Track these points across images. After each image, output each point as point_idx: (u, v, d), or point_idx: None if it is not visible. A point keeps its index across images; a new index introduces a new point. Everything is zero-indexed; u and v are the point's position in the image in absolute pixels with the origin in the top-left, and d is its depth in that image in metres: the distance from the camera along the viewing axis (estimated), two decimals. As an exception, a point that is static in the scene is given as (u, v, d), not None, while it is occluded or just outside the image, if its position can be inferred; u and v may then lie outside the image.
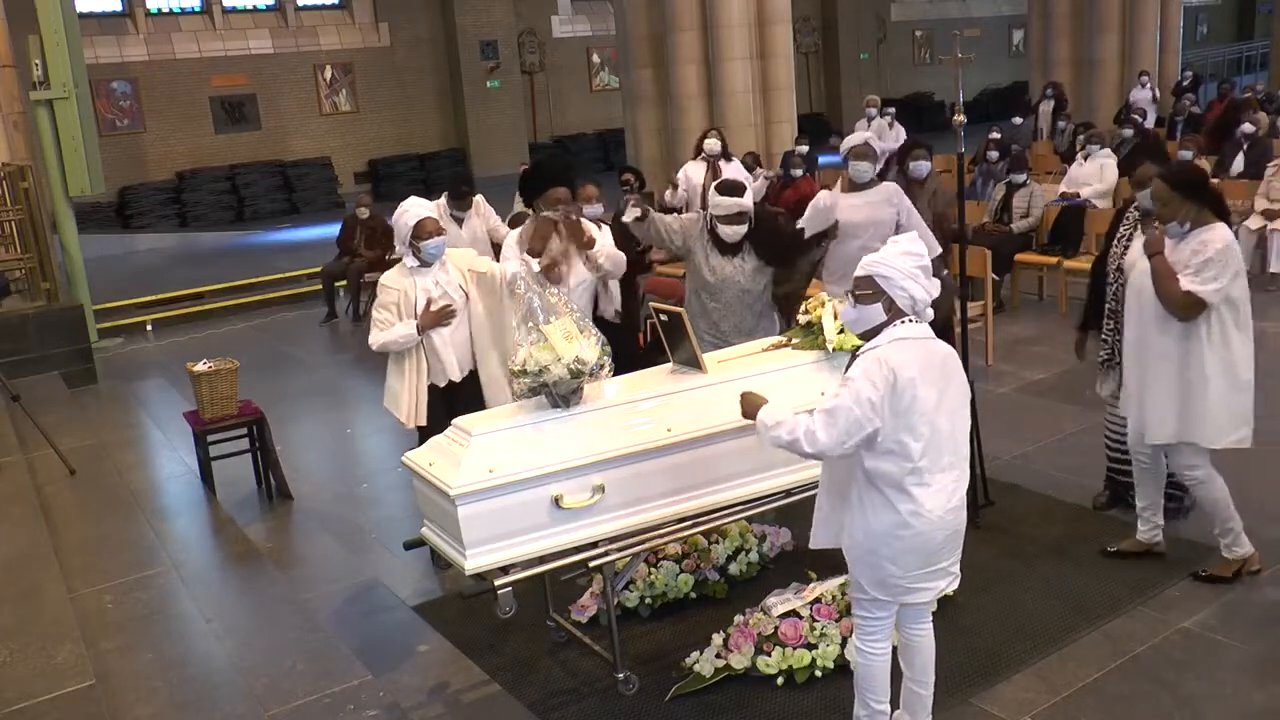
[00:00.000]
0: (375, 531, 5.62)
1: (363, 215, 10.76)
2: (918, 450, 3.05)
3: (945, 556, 3.19)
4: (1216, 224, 4.12)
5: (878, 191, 5.99)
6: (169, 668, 3.96)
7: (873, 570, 3.19)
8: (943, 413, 3.09)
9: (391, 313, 4.78)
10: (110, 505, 5.61)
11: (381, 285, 4.84)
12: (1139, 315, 4.27)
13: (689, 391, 3.93)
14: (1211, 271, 4.02)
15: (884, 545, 3.13)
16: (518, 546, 3.59)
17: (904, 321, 3.10)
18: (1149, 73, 16.68)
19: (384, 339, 4.78)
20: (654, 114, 13.43)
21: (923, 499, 3.08)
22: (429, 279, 4.78)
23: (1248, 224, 9.16)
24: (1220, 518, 4.32)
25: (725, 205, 4.87)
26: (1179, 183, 4.11)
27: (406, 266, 4.81)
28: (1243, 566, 4.33)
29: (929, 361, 3.08)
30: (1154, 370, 4.23)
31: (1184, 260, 4.09)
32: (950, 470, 3.13)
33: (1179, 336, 4.15)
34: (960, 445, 3.18)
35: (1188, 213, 4.08)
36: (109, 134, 16.66)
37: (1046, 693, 3.73)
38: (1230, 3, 32.40)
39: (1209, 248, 4.04)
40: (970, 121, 5.95)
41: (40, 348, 8.31)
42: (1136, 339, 4.31)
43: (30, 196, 8.72)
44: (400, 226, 4.77)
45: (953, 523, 3.16)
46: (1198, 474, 4.30)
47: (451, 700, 3.99)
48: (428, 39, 20.33)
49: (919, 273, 3.09)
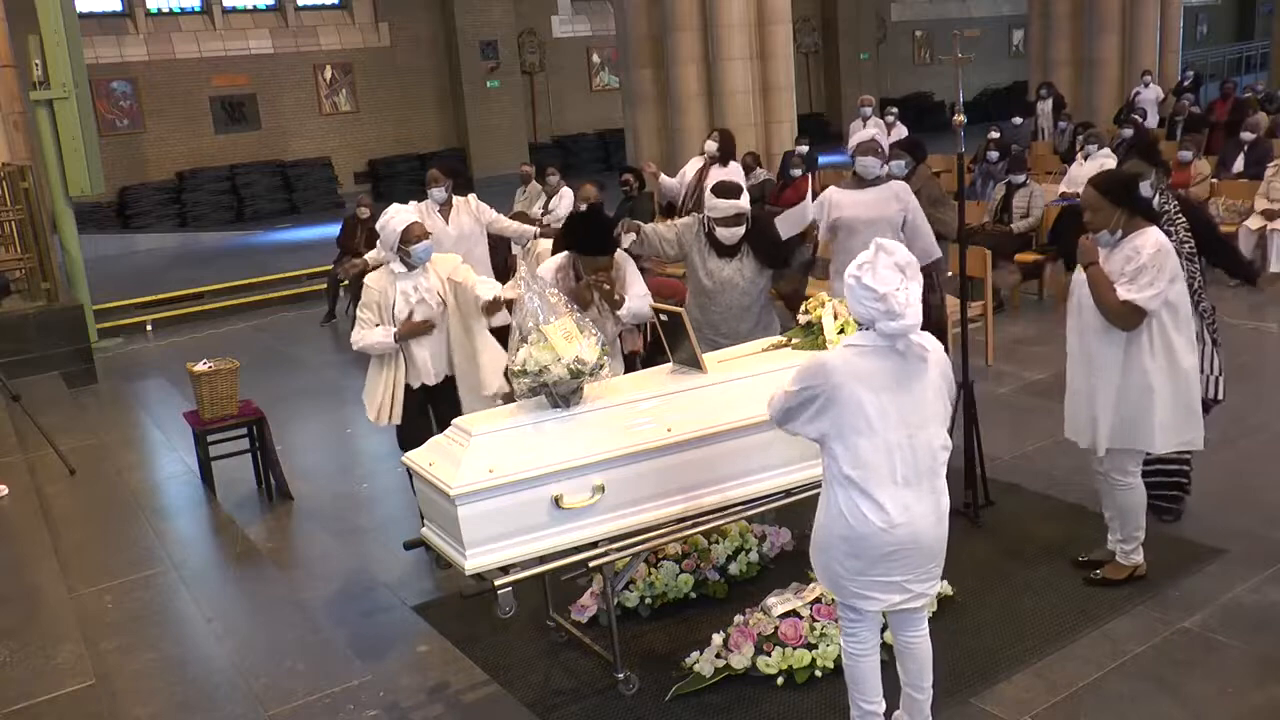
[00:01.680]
0: (375, 531, 5.61)
1: (363, 215, 10.76)
2: (849, 458, 3.04)
3: (897, 571, 3.10)
4: (1148, 228, 4.06)
5: (884, 189, 5.90)
6: (169, 668, 3.96)
7: (822, 568, 3.22)
8: (894, 424, 3.04)
9: (373, 312, 4.91)
10: (110, 505, 5.61)
11: (365, 285, 4.97)
12: (1080, 326, 4.23)
13: (689, 391, 3.93)
14: (1146, 277, 3.96)
15: (830, 543, 3.15)
16: (517, 546, 3.59)
17: (864, 329, 3.08)
18: (1151, 72, 16.68)
19: (364, 342, 4.94)
20: (654, 114, 13.44)
21: (862, 505, 3.05)
22: (408, 283, 4.88)
23: (1248, 224, 9.17)
24: (1132, 525, 4.31)
25: (722, 208, 4.85)
26: (1108, 189, 4.06)
27: (392, 270, 4.91)
28: (1133, 572, 4.35)
29: (876, 371, 3.03)
30: (1098, 380, 4.17)
31: (1118, 269, 4.04)
32: (905, 486, 3.05)
33: (1122, 346, 4.10)
34: (923, 460, 3.08)
35: (1118, 219, 4.03)
36: (109, 134, 16.66)
37: (1046, 693, 3.73)
38: (1230, 3, 32.40)
39: (1141, 254, 3.98)
40: (970, 121, 5.92)
41: (40, 348, 8.31)
42: (1079, 350, 4.26)
43: (30, 196, 8.73)
44: (388, 233, 4.84)
45: (901, 538, 3.06)
46: (1129, 479, 4.27)
47: (451, 700, 3.99)
48: (428, 39, 20.33)
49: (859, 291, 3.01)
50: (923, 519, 3.09)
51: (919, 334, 3.08)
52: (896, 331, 3.00)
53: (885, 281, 2.97)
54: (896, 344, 3.03)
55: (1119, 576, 4.35)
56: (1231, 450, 5.60)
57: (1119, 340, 4.09)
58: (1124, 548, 4.37)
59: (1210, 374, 4.70)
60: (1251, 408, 6.09)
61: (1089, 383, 4.22)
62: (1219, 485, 5.20)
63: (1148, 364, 4.09)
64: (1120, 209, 4.02)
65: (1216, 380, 4.71)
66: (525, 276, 4.03)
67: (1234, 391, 4.82)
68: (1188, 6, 21.27)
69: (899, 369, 3.06)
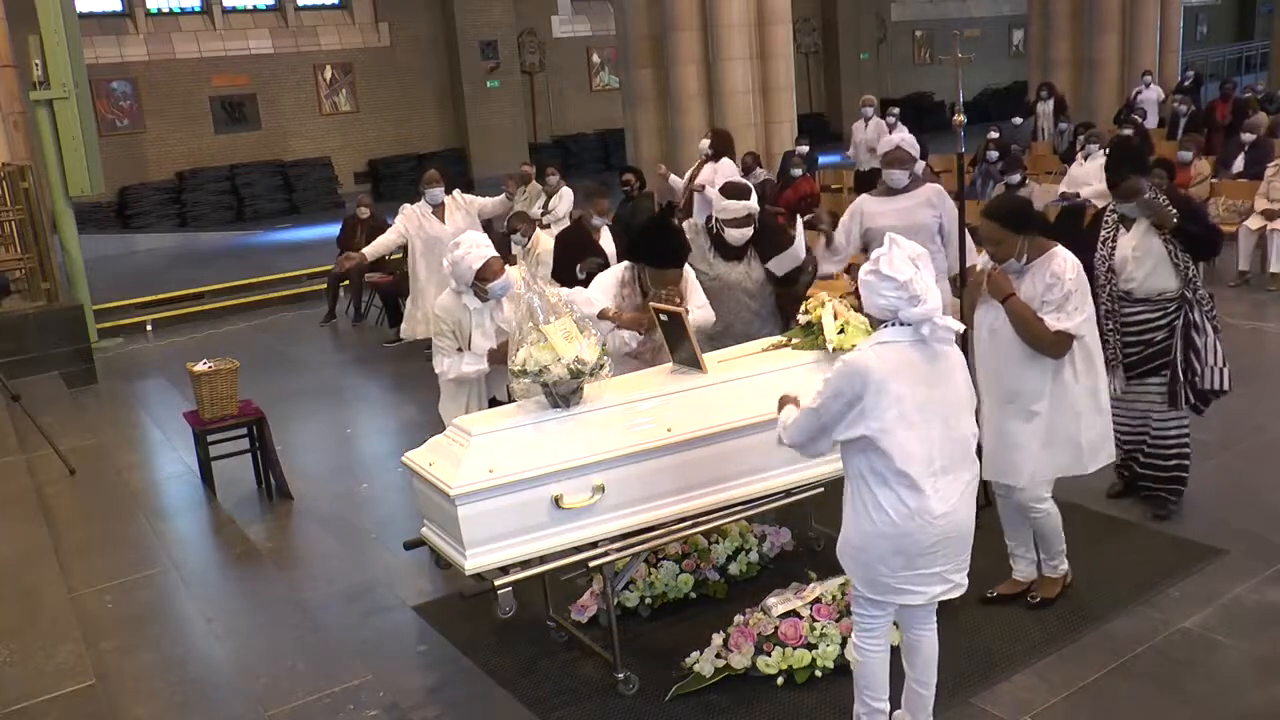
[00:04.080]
0: (375, 531, 5.61)
1: (363, 215, 10.76)
2: (898, 451, 3.04)
3: (939, 561, 3.15)
4: (1054, 248, 3.94)
5: (915, 195, 5.51)
6: (169, 668, 3.96)
7: (863, 569, 3.20)
8: (932, 415, 3.07)
9: (450, 339, 4.57)
10: (110, 505, 5.61)
11: (436, 315, 4.63)
12: (996, 362, 4.04)
13: (689, 391, 3.93)
14: (1073, 303, 3.87)
15: (871, 544, 3.14)
16: (518, 546, 3.59)
17: (888, 326, 3.10)
18: (1151, 73, 16.68)
19: (455, 372, 4.58)
20: (654, 114, 13.43)
21: (908, 500, 3.06)
22: (484, 317, 4.55)
23: (1248, 224, 9.17)
24: (1055, 544, 4.24)
25: (733, 209, 4.83)
26: (1007, 219, 3.91)
27: (462, 301, 4.56)
28: (1064, 582, 4.30)
29: (909, 364, 3.06)
30: (1019, 414, 4.00)
31: (1038, 296, 3.91)
32: (945, 475, 3.10)
33: (1049, 375, 3.96)
34: (958, 449, 3.14)
35: (1022, 246, 3.91)
36: (109, 134, 16.65)
37: (1046, 693, 3.73)
38: (1230, 3, 32.39)
39: (1064, 280, 3.87)
40: (970, 121, 5.84)
41: (40, 348, 8.31)
42: (997, 387, 4.05)
43: (30, 196, 8.73)
44: (462, 269, 4.44)
45: (944, 528, 3.10)
46: (1044, 506, 4.13)
47: (451, 700, 3.99)
48: (428, 39, 20.33)
49: (878, 284, 3.04)
50: (963, 507, 3.16)
51: (942, 317, 3.08)
52: (920, 317, 3.04)
53: (903, 270, 3.01)
54: (922, 329, 3.05)
55: (1054, 593, 4.27)
56: (1231, 450, 5.61)
57: (1046, 369, 3.96)
58: (1050, 563, 4.30)
59: (1214, 365, 4.68)
60: (1251, 408, 6.09)
61: (1008, 420, 4.03)
62: (1219, 485, 5.20)
63: (1073, 388, 4.00)
64: (1022, 235, 3.90)
65: (1221, 371, 4.68)
66: (525, 277, 4.03)
67: (1234, 391, 4.81)
68: (1188, 6, 21.26)
69: (931, 360, 3.09)
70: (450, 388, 4.72)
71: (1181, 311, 4.68)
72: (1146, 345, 4.76)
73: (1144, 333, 4.75)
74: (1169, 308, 4.70)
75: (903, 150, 5.52)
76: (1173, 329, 4.70)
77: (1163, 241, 4.62)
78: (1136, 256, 4.67)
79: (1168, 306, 4.70)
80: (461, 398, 4.68)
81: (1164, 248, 4.62)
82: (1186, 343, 4.69)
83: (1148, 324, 4.74)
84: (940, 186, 5.73)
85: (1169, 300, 4.69)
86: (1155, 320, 4.73)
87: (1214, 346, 4.68)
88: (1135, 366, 4.80)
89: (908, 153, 5.53)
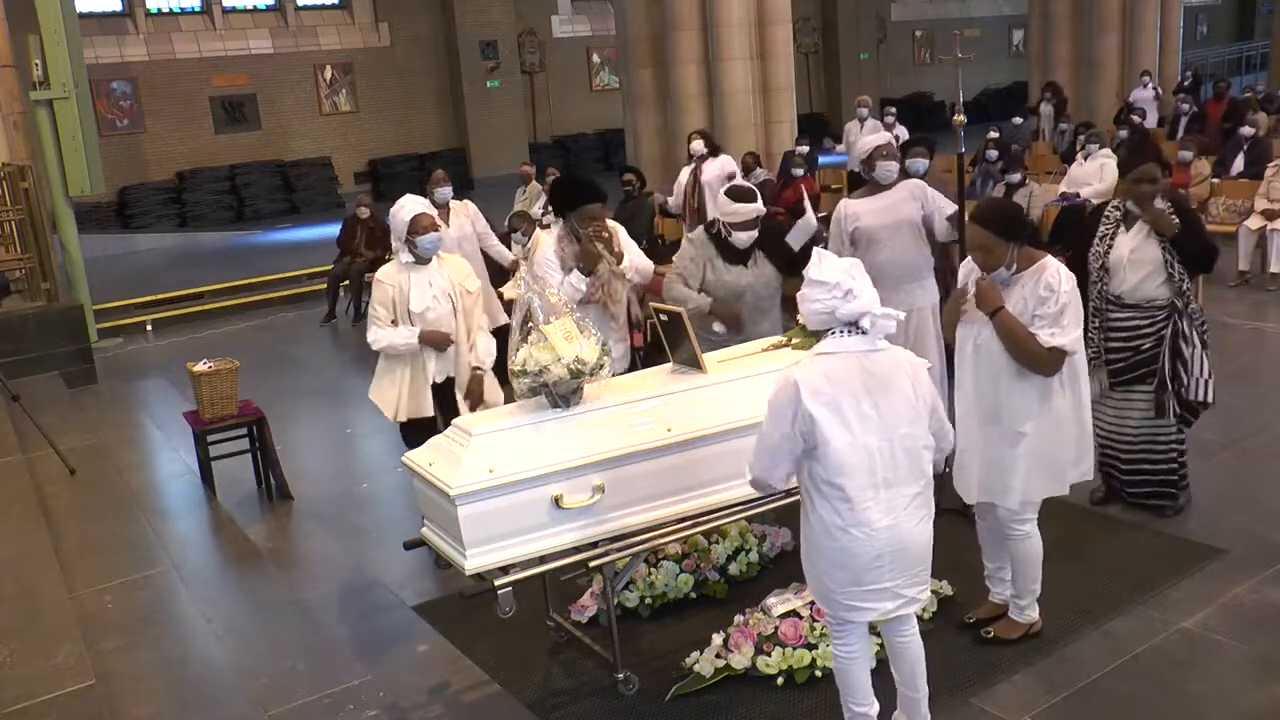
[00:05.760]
0: (375, 531, 5.61)
1: (363, 215, 10.78)
2: (833, 462, 2.99)
3: (886, 576, 3.06)
4: (1044, 258, 3.77)
5: (898, 191, 5.47)
6: (169, 668, 3.96)
7: (815, 583, 3.20)
8: (873, 426, 3.01)
9: (387, 309, 4.87)
10: (110, 505, 5.61)
11: (377, 281, 4.94)
12: (981, 379, 3.85)
13: (689, 391, 3.93)
14: (1068, 317, 3.68)
15: (816, 554, 3.13)
16: (517, 546, 3.59)
17: (835, 334, 3.05)
18: (1150, 72, 16.69)
19: (386, 341, 4.88)
20: (654, 114, 13.43)
21: (843, 512, 3.02)
22: (423, 277, 4.86)
23: (1248, 224, 9.17)
24: (1030, 577, 3.96)
25: (742, 211, 4.81)
26: (998, 225, 3.71)
27: (401, 262, 4.90)
28: (1028, 630, 4.01)
29: (848, 374, 3.00)
30: (1006, 432, 3.82)
31: (1029, 310, 3.72)
32: (888, 487, 3.03)
33: (1038, 392, 3.78)
34: (904, 460, 3.05)
35: (1012, 255, 3.72)
36: (109, 134, 16.66)
37: (1046, 693, 3.73)
38: (1230, 3, 32.40)
39: (1057, 293, 3.68)
40: (970, 121, 5.85)
41: (40, 348, 8.31)
42: (984, 403, 3.85)
43: (30, 196, 8.74)
44: (397, 223, 4.86)
45: (887, 540, 3.02)
46: (1026, 527, 3.91)
47: (451, 700, 3.99)
48: (428, 39, 20.33)
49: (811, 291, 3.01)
50: (906, 521, 3.07)
51: (880, 308, 3.02)
52: (858, 311, 2.99)
53: (832, 274, 2.99)
54: (861, 323, 3.00)
55: (1013, 635, 3.98)
56: (1231, 450, 5.61)
57: (1035, 388, 3.77)
58: (1019, 603, 4.00)
59: (1200, 376, 4.66)
60: (1251, 408, 6.09)
61: (994, 441, 3.85)
62: (1219, 485, 5.20)
63: (1058, 403, 3.82)
64: (1012, 243, 3.71)
65: (1205, 383, 4.67)
66: (525, 277, 4.03)
67: (1234, 392, 4.83)
68: (1188, 6, 21.27)
69: (873, 370, 3.04)
70: (383, 366, 4.98)
71: (1170, 321, 4.64)
72: (1133, 353, 4.72)
73: (1131, 339, 4.72)
74: (1157, 316, 4.66)
75: (892, 145, 5.56)
76: (1160, 338, 4.66)
77: (1161, 249, 4.60)
78: (1132, 260, 4.65)
79: (1156, 315, 4.67)
80: (395, 374, 4.92)
81: (1161, 255, 4.59)
82: (1174, 352, 4.65)
83: (1135, 331, 4.71)
84: (919, 180, 5.71)
85: (1158, 309, 4.66)
86: (1143, 328, 4.69)
87: (1200, 359, 4.65)
88: (1120, 374, 4.77)
89: (894, 148, 5.60)
